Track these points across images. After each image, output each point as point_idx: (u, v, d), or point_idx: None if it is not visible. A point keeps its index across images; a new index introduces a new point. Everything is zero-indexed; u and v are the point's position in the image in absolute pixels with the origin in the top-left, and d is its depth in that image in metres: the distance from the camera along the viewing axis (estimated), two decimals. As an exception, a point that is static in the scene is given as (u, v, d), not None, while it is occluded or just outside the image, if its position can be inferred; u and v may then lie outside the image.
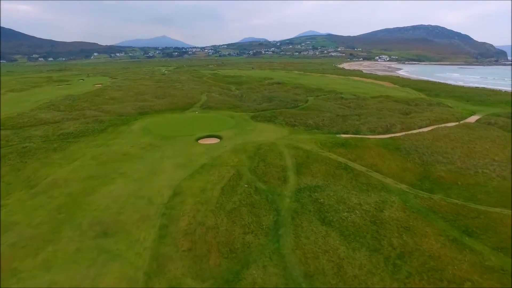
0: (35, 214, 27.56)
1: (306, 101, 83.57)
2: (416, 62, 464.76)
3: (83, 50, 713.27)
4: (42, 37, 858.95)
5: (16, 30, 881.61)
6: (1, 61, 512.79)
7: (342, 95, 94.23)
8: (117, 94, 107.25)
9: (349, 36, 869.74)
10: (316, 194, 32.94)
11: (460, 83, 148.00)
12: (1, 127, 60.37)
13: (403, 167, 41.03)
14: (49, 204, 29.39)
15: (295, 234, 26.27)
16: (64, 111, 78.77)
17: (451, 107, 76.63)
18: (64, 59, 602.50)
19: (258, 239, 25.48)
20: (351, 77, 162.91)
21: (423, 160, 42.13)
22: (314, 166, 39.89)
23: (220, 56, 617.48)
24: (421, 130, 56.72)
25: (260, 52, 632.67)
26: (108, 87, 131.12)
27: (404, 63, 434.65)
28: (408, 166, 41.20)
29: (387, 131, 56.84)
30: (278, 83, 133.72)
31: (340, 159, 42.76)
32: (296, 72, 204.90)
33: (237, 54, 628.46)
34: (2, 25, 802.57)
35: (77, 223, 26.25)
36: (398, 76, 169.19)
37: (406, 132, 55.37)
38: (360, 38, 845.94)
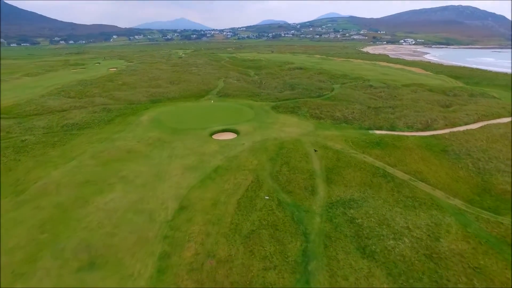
0: (13, 232, 22.99)
1: (332, 90, 76.03)
2: (444, 46, 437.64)
3: (102, 33, 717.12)
4: (63, 20, 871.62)
5: (39, 13, 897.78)
6: (22, 44, 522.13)
7: (371, 83, 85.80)
8: (131, 79, 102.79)
9: (372, 18, 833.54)
10: (352, 211, 26.85)
11: (504, 70, 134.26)
12: (6, 116, 56.82)
13: (455, 176, 34.03)
14: (33, 218, 24.75)
15: (330, 272, 20.50)
16: (74, 98, 74.92)
17: (498, 99, 67.28)
18: (84, 41, 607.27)
19: (283, 278, 19.89)
20: (377, 63, 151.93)
21: (479, 168, 34.87)
22: (347, 172, 33.59)
23: (238, 39, 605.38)
24: (468, 127, 48.79)
25: (280, 35, 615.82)
26: (123, 71, 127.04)
27: (431, 47, 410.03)
28: (461, 175, 34.14)
29: (427, 127, 49.27)
30: (300, 69, 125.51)
31: (377, 163, 36.17)
32: (318, 56, 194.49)
33: (256, 37, 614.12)
34: (24, 9, 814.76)
35: (60, 247, 21.43)
36: (429, 62, 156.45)
37: (451, 130, 47.66)
38: (384, 20, 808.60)
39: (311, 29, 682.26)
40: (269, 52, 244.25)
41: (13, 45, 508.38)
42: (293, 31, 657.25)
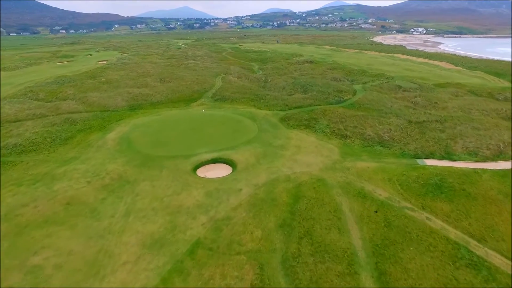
0: None
1: (354, 93, 61.67)
2: (457, 35, 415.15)
3: (104, 22, 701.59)
4: (65, 9, 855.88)
5: (40, 2, 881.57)
6: (21, 34, 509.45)
7: (398, 83, 71.33)
8: (116, 75, 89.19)
9: (380, 6, 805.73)
10: None
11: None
12: None
13: None
14: None
15: None
16: (41, 101, 61.83)
17: None
18: (84, 31, 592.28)
19: None
20: (395, 55, 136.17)
21: None
22: (408, 257, 20.18)
23: (243, 28, 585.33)
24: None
25: (285, 24, 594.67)
26: (112, 65, 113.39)
27: (443, 37, 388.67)
28: None
29: (499, 155, 35.38)
30: (310, 62, 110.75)
31: (451, 231, 22.64)
32: (328, 47, 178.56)
33: (261, 26, 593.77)
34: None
35: None
36: (455, 54, 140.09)
37: (535, 159, 33.76)
38: (392, 8, 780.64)
39: (317, 18, 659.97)
40: (274, 42, 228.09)
41: (13, 34, 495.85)
42: (298, 20, 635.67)
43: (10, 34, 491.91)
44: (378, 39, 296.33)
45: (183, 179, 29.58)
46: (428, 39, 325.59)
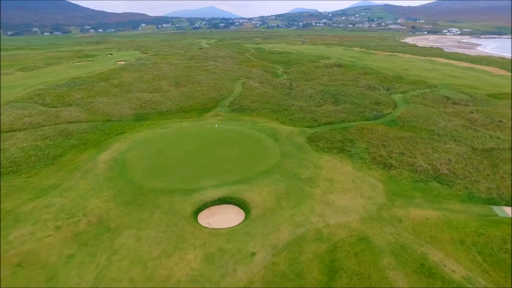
0: None
1: (395, 106, 52.43)
2: (496, 36, 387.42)
3: (131, 21, 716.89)
4: (95, 9, 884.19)
5: (73, 2, 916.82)
6: (54, 33, 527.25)
7: (444, 93, 61.23)
8: (131, 77, 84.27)
9: (410, 6, 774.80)
10: None
11: None
12: None
13: None
14: None
15: None
16: (45, 106, 57.28)
17: None
18: (112, 30, 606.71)
19: None
20: (433, 59, 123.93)
21: None
22: None
23: (267, 27, 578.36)
24: None
25: (310, 24, 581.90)
26: (129, 66, 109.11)
27: (479, 37, 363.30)
28: None
29: None
30: (339, 66, 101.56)
31: None
32: (357, 49, 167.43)
33: (286, 26, 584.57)
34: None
35: None
36: (504, 58, 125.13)
37: None
38: (423, 8, 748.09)
39: (343, 18, 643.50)
40: (299, 43, 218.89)
41: (46, 34, 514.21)
42: (324, 20, 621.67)
43: (44, 34, 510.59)
44: (409, 40, 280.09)
45: (179, 229, 22.30)
46: (463, 40, 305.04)
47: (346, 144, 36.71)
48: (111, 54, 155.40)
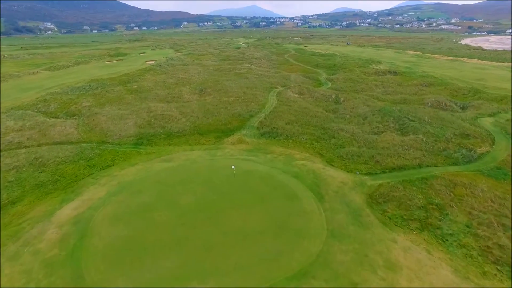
0: None
1: (492, 141, 36.61)
2: None
3: (174, 19, 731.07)
4: (141, 8, 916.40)
5: (121, 1, 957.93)
6: (102, 31, 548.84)
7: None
8: (152, 81, 75.11)
9: (465, 4, 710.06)
10: None
11: None
12: None
13: None
14: None
15: None
16: (44, 115, 49.29)
17: None
18: (155, 28, 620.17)
19: None
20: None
21: None
22: None
23: (309, 27, 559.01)
24: None
25: (354, 24, 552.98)
26: (157, 66, 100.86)
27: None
28: None
29: None
30: (394, 73, 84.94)
31: None
32: (411, 52, 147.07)
33: (328, 26, 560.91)
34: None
35: None
36: None
37: None
38: (481, 6, 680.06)
39: (390, 18, 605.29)
40: (343, 44, 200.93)
41: (95, 31, 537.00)
42: (369, 20, 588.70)
43: (93, 32, 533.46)
44: (467, 41, 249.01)
45: None
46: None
47: (431, 215, 22.61)
48: (144, 53, 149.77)
